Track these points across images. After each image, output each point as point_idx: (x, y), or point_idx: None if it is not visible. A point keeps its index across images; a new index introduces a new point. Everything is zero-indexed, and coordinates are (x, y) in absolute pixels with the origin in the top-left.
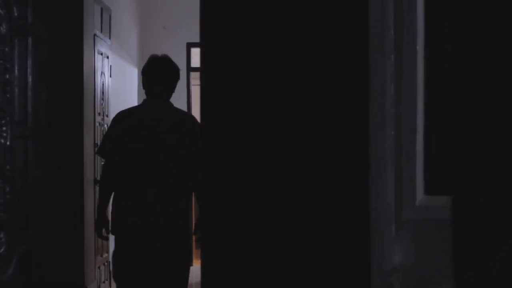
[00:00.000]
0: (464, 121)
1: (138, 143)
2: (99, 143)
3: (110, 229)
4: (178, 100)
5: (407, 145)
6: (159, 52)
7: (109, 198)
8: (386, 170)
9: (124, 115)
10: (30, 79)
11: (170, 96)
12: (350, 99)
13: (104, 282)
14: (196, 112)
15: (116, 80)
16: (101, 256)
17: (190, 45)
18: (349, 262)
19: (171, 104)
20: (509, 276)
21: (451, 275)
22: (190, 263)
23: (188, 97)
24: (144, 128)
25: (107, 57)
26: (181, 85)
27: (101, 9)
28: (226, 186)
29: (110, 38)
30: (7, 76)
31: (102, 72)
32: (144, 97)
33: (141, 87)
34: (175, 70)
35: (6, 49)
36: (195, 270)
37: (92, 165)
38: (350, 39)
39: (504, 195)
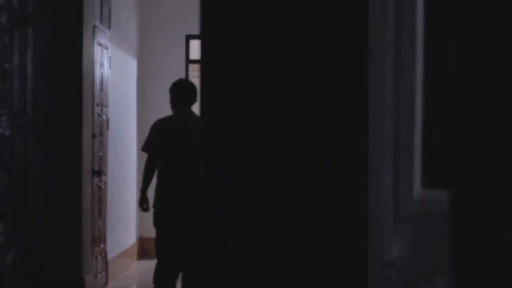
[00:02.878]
0: (463, 115)
1: (175, 144)
2: (97, 134)
3: (153, 207)
4: None
5: (406, 138)
6: (159, 44)
7: (150, 183)
8: (384, 163)
9: (163, 122)
10: (30, 69)
11: (191, 106)
12: (349, 93)
13: (101, 273)
14: (195, 105)
15: (115, 71)
16: (98, 246)
17: (189, 37)
18: (347, 255)
19: (195, 113)
20: (505, 271)
21: (448, 268)
22: None
23: None
24: (178, 132)
25: (107, 48)
26: (180, 77)
27: (101, 0)
28: (225, 180)
29: (109, 30)
30: (7, 67)
31: (101, 63)
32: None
33: (140, 78)
34: (194, 89)
35: (6, 39)
36: None
37: (90, 156)
38: (350, 33)
39: (503, 189)
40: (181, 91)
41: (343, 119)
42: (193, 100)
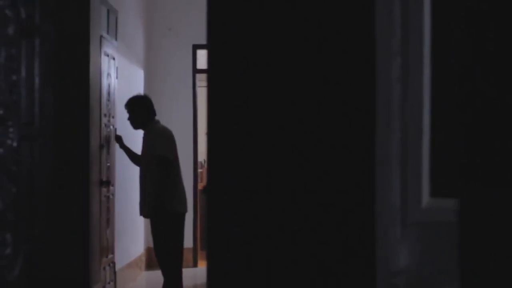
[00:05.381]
0: (471, 122)
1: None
2: (104, 144)
3: (151, 214)
4: (184, 102)
5: (413, 147)
6: (166, 54)
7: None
8: (392, 172)
9: (169, 132)
10: (37, 80)
11: None
12: (356, 101)
13: (109, 283)
14: (202, 114)
15: (122, 82)
16: (106, 257)
17: (196, 47)
18: (355, 263)
19: None
20: None
21: (455, 277)
22: None
23: (194, 98)
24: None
25: (114, 59)
26: (187, 87)
27: (108, 10)
28: (231, 187)
29: (116, 40)
30: (15, 78)
31: (108, 73)
32: None
33: (147, 88)
34: None
35: (14, 50)
36: (200, 271)
37: (98, 166)
38: (357, 41)
39: (510, 197)
40: (151, 105)
41: (350, 128)
42: None
